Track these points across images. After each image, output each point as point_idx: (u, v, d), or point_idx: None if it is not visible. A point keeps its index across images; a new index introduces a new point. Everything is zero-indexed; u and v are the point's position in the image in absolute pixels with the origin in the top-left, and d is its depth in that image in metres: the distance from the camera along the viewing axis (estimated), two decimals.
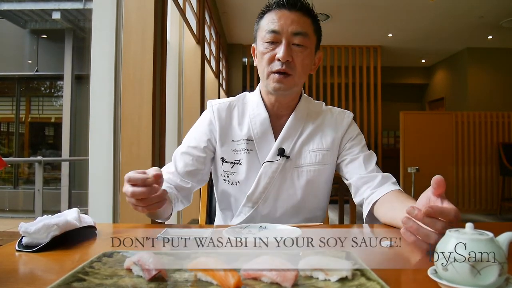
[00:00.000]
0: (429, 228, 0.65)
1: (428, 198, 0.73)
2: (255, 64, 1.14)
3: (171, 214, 1.04)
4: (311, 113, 1.17)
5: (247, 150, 1.11)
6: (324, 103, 1.23)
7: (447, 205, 0.68)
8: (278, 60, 1.03)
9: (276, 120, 1.14)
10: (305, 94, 1.20)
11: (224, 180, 1.14)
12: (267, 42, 1.04)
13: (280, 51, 1.02)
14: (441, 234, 0.62)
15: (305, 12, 1.06)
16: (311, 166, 1.11)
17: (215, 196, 1.25)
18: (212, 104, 1.17)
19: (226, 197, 1.17)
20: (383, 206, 0.98)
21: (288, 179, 1.11)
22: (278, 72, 1.04)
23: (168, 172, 1.11)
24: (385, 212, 0.97)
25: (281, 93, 1.07)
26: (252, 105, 1.15)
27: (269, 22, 1.05)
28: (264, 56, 1.05)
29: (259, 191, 1.09)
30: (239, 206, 1.13)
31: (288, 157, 1.10)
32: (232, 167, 1.12)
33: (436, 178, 0.71)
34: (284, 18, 1.03)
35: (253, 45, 1.15)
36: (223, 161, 1.13)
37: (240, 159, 1.11)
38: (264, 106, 1.13)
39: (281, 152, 1.09)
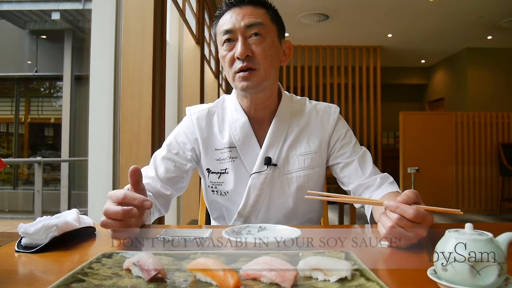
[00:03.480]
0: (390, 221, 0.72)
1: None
2: (224, 73, 1.10)
3: (150, 222, 0.98)
4: (295, 112, 1.12)
5: (231, 158, 1.07)
6: (307, 99, 1.17)
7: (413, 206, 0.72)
8: (238, 58, 0.98)
9: (258, 125, 1.09)
10: (285, 92, 1.15)
11: (213, 191, 1.10)
12: (224, 44, 1.02)
13: (237, 49, 0.98)
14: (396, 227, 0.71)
15: (256, 4, 1.02)
16: (300, 172, 1.07)
17: (206, 206, 1.20)
18: (191, 113, 1.12)
19: (217, 207, 1.14)
20: (377, 208, 0.98)
21: (278, 188, 1.07)
22: (241, 70, 0.99)
23: (148, 176, 1.05)
24: (377, 214, 0.96)
25: (251, 91, 1.02)
26: (231, 110, 1.10)
27: (222, 24, 1.02)
28: (225, 58, 1.02)
29: (250, 205, 1.06)
30: (232, 215, 1.10)
31: (275, 165, 1.06)
32: (219, 178, 1.08)
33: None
34: (235, 15, 1.00)
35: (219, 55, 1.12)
36: (209, 172, 1.09)
37: (226, 168, 1.07)
38: (242, 109, 1.09)
39: (267, 161, 1.04)
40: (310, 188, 1.08)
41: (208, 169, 1.09)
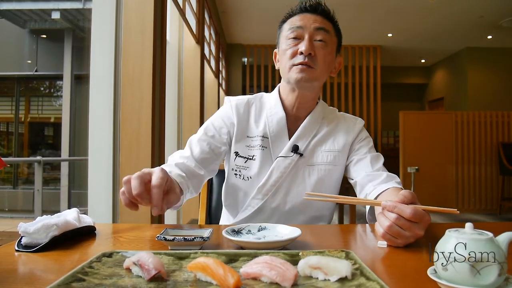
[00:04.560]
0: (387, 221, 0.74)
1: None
2: (276, 68, 1.20)
3: (181, 204, 1.01)
4: (326, 117, 1.22)
5: (262, 147, 1.14)
6: (337, 110, 1.28)
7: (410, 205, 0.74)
8: (301, 53, 1.07)
9: (293, 122, 1.17)
10: (321, 100, 1.24)
11: (235, 174, 1.15)
12: (290, 39, 1.10)
13: (303, 45, 1.07)
14: (395, 227, 0.72)
15: (327, 17, 1.13)
16: (322, 166, 1.14)
17: (222, 190, 1.23)
18: (231, 100, 1.21)
19: (234, 191, 1.17)
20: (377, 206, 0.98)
21: (299, 176, 1.13)
22: (300, 64, 1.08)
23: (183, 156, 1.09)
24: (377, 213, 0.96)
25: (302, 85, 1.10)
26: (270, 104, 1.19)
27: (293, 21, 1.11)
28: (287, 51, 1.10)
29: (270, 184, 1.12)
30: (247, 201, 1.14)
31: (301, 154, 1.13)
32: (245, 162, 1.14)
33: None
34: (307, 18, 1.10)
35: (275, 50, 1.21)
36: (236, 155, 1.15)
37: (254, 155, 1.14)
38: (282, 106, 1.17)
39: (295, 149, 1.12)
40: (329, 183, 1.16)
41: (236, 152, 1.16)
